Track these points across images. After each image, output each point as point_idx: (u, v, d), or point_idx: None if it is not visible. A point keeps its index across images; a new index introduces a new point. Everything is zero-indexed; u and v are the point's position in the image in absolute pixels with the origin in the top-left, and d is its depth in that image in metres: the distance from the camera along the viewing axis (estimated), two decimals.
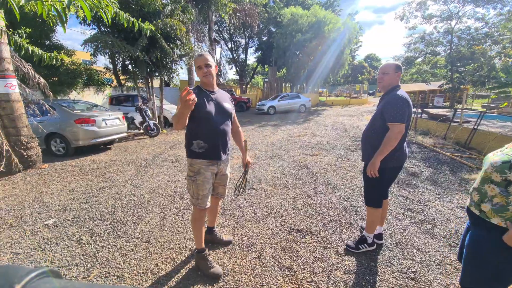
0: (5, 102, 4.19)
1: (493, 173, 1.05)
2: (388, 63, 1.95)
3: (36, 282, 0.27)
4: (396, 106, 1.78)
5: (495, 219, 1.05)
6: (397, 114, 1.77)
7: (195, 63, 1.74)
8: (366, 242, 2.13)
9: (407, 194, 3.27)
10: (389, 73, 1.91)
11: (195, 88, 1.76)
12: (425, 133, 7.30)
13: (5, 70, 4.08)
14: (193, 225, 1.91)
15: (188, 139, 1.80)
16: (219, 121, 1.79)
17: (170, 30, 7.83)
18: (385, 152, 1.81)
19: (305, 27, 19.02)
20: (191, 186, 1.82)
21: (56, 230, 2.59)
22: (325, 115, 13.61)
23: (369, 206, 2.07)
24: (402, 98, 1.81)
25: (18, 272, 0.27)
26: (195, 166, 1.79)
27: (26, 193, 3.60)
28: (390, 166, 1.93)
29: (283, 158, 5.14)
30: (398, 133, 1.78)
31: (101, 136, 5.98)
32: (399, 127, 1.77)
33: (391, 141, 1.79)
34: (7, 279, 0.26)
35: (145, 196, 3.37)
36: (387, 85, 1.94)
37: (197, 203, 1.82)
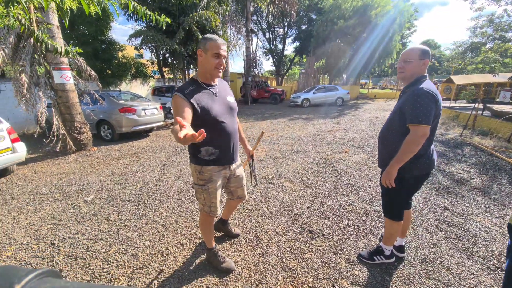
0: (61, 92, 4.85)
1: None
2: (412, 48, 1.58)
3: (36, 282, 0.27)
4: (420, 104, 1.44)
5: None
6: (420, 114, 1.43)
7: (213, 47, 1.40)
8: (383, 254, 1.91)
9: (446, 204, 2.84)
10: (412, 61, 1.55)
11: (190, 83, 1.49)
12: (485, 133, 6.19)
13: (60, 63, 4.70)
14: (203, 229, 1.83)
15: (194, 145, 1.52)
16: (228, 121, 1.57)
17: (206, 22, 8.03)
18: (404, 159, 1.52)
19: (348, 12, 17.55)
20: (201, 195, 1.65)
21: (92, 206, 2.95)
22: (364, 109, 12.58)
23: (387, 217, 1.81)
24: (428, 93, 1.45)
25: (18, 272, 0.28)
26: (206, 174, 1.59)
27: (75, 171, 4.17)
28: (413, 175, 1.64)
29: (309, 154, 4.93)
30: (421, 137, 1.45)
31: (141, 124, 6.55)
32: (423, 129, 1.44)
33: (411, 146, 1.47)
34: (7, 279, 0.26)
35: (169, 182, 3.59)
36: (409, 75, 1.59)
37: (209, 211, 1.69)
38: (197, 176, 1.61)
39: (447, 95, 14.56)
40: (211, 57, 1.42)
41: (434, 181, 3.50)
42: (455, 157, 4.59)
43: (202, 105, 1.44)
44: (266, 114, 11.66)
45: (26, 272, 0.28)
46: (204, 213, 1.73)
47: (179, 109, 1.36)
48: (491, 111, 7.49)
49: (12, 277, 0.27)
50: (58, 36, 4.76)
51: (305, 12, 24.24)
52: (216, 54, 1.42)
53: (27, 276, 0.27)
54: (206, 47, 1.42)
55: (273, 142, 5.97)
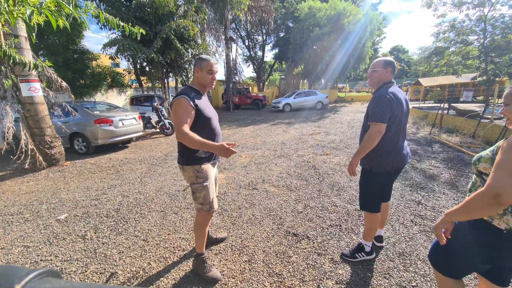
0: (29, 105, 4.56)
1: (472, 166, 1.18)
2: (378, 59, 1.87)
3: (36, 282, 0.27)
4: (377, 105, 1.70)
5: None
6: (376, 114, 1.68)
7: (208, 65, 1.66)
8: (364, 250, 1.99)
9: (420, 199, 3.02)
10: (377, 70, 1.82)
11: (191, 89, 1.69)
12: (451, 130, 6.70)
13: (28, 75, 4.43)
14: (199, 232, 1.84)
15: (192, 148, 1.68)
16: (216, 122, 1.82)
17: (184, 31, 8.00)
18: (362, 152, 1.76)
19: (323, 20, 18.38)
20: (201, 193, 1.72)
21: (65, 225, 2.77)
22: (343, 112, 13.10)
23: (364, 210, 1.95)
24: (385, 97, 1.69)
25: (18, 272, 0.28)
26: (203, 171, 1.72)
27: (47, 189, 3.90)
28: (385, 170, 1.80)
29: (291, 158, 5.02)
30: (376, 133, 1.68)
31: (118, 135, 6.30)
32: (378, 127, 1.67)
33: (368, 141, 1.71)
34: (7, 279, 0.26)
35: (151, 195, 3.48)
36: (376, 82, 1.86)
37: (209, 208, 1.76)
38: (196, 175, 1.72)
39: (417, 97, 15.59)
40: (206, 73, 1.68)
41: (408, 178, 3.71)
42: (425, 154, 4.90)
43: (203, 109, 1.67)
44: (249, 120, 11.73)
45: (26, 272, 0.28)
46: (203, 213, 1.78)
47: (185, 111, 1.57)
48: (455, 110, 8.13)
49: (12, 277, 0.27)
50: (26, 48, 4.49)
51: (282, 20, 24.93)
52: (210, 71, 1.69)
53: (27, 276, 0.27)
54: (202, 65, 1.67)
55: (256, 148, 6.01)
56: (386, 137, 1.73)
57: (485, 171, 1.09)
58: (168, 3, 7.50)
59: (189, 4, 8.48)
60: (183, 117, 1.55)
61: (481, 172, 1.10)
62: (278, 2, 22.95)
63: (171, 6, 7.71)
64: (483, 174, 1.10)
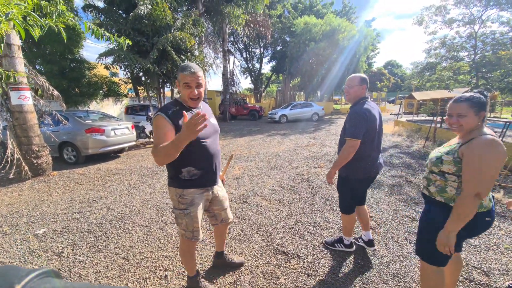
0: (18, 113, 4.46)
1: (432, 166, 1.40)
2: (354, 76, 1.97)
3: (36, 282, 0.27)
4: (352, 122, 1.83)
5: (438, 197, 1.37)
6: (352, 130, 1.81)
7: (183, 78, 1.39)
8: (343, 242, 2.27)
9: (414, 215, 2.93)
10: (353, 86, 1.93)
11: (174, 104, 1.48)
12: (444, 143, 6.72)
13: (19, 83, 4.36)
14: (184, 256, 1.70)
15: (176, 167, 1.48)
16: (211, 141, 1.55)
17: (181, 43, 8.09)
18: (339, 164, 1.91)
19: (318, 35, 18.91)
20: (183, 220, 1.54)
21: (43, 241, 2.61)
22: (338, 124, 13.17)
23: (341, 212, 2.19)
24: (360, 114, 1.83)
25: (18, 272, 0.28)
26: (187, 197, 1.52)
27: (29, 200, 3.73)
28: (356, 177, 1.99)
29: (285, 170, 4.94)
30: (351, 147, 1.82)
31: (110, 145, 6.18)
32: (353, 143, 1.81)
33: (344, 154, 1.85)
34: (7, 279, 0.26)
35: (137, 208, 3.34)
36: (353, 97, 1.97)
37: (192, 236, 1.58)
38: (178, 200, 1.53)
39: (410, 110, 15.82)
40: (184, 86, 1.42)
41: (402, 192, 3.64)
42: (420, 168, 4.87)
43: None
44: (245, 130, 11.70)
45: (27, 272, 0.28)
46: (186, 240, 1.61)
47: (161, 131, 1.35)
48: None
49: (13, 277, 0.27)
50: (18, 56, 4.45)
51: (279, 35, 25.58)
52: (187, 84, 1.41)
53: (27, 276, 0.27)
54: (179, 78, 1.43)
55: (250, 159, 5.92)
56: (360, 149, 1.85)
57: (448, 171, 1.32)
58: (166, 15, 7.62)
59: (187, 17, 8.63)
60: (157, 137, 1.35)
61: (444, 172, 1.33)
62: (275, 17, 23.62)
63: (169, 19, 7.84)
64: (446, 173, 1.33)
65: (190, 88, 1.42)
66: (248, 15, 15.95)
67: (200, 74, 1.44)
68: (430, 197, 1.42)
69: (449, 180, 1.32)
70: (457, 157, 1.28)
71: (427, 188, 1.44)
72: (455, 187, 1.31)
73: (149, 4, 7.31)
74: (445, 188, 1.34)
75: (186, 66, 1.42)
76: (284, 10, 25.70)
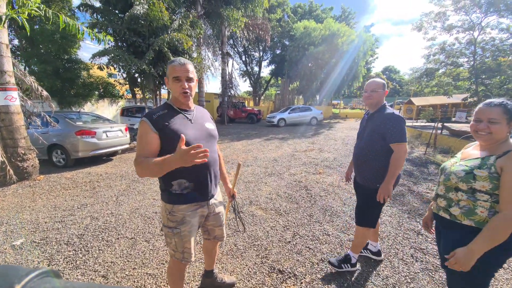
0: (4, 114, 4.25)
1: (459, 183, 1.18)
2: (375, 80, 1.87)
3: (36, 282, 0.27)
4: (399, 126, 1.73)
5: (466, 221, 1.16)
6: (400, 134, 1.72)
7: (171, 71, 1.28)
8: (350, 262, 2.03)
9: (419, 228, 2.75)
10: (378, 91, 1.85)
11: (163, 107, 1.34)
12: (446, 151, 6.58)
13: (6, 83, 4.16)
14: (171, 279, 1.52)
15: (165, 179, 1.32)
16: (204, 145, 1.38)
17: (178, 44, 7.93)
18: (397, 174, 1.75)
19: (318, 39, 18.89)
20: (172, 240, 1.37)
21: (18, 253, 2.39)
22: (337, 129, 13.05)
23: (362, 226, 1.95)
24: (400, 117, 1.77)
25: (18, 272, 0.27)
26: (177, 214, 1.34)
27: (11, 207, 3.50)
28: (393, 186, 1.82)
29: (283, 176, 4.75)
30: (405, 153, 1.74)
31: (101, 147, 5.96)
32: (405, 146, 1.73)
33: (399, 161, 1.73)
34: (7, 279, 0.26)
35: (123, 217, 3.12)
36: (375, 102, 1.87)
37: (182, 258, 1.40)
38: (167, 217, 1.36)
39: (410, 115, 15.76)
40: (173, 81, 1.29)
41: (405, 203, 3.46)
42: (422, 175, 4.70)
43: (172, 129, 1.26)
44: (242, 134, 11.52)
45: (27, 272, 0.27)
46: (176, 260, 1.43)
47: (143, 139, 1.24)
48: (449, 130, 8.10)
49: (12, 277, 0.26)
50: (6, 55, 4.25)
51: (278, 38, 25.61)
52: (176, 78, 1.28)
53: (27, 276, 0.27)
54: (168, 72, 1.32)
55: (247, 164, 5.73)
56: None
57: (481, 189, 1.12)
58: (163, 16, 7.47)
59: (184, 19, 8.49)
60: (138, 146, 1.25)
61: (476, 190, 1.14)
62: (275, 21, 23.66)
63: (166, 20, 7.68)
64: (477, 191, 1.13)
65: (179, 81, 1.29)
66: (247, 18, 15.91)
67: (190, 67, 1.30)
68: (453, 222, 1.21)
69: (479, 200, 1.13)
70: (494, 172, 1.09)
71: (447, 210, 1.23)
72: (487, 207, 1.11)
73: (146, 4, 7.16)
74: (474, 210, 1.14)
75: (174, 59, 1.32)
76: (283, 14, 25.78)
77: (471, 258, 1.08)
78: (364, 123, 2.02)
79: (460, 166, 1.21)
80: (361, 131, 2.04)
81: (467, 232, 1.16)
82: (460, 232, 1.20)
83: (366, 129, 1.93)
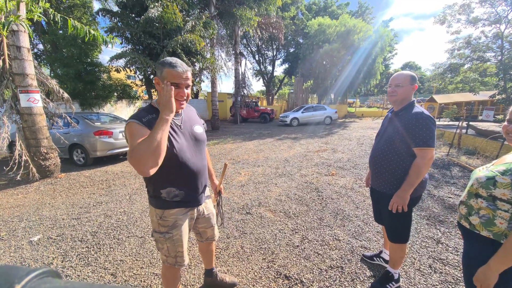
0: (27, 115, 4.51)
1: (479, 188, 1.08)
2: (401, 73, 1.64)
3: (36, 282, 0.27)
4: (426, 128, 1.50)
5: (484, 232, 1.07)
6: (427, 137, 1.49)
7: (170, 76, 1.15)
8: (393, 279, 1.83)
9: (439, 236, 2.56)
10: (403, 85, 1.60)
11: (148, 110, 1.23)
12: (471, 152, 6.14)
13: (28, 85, 4.41)
14: (166, 284, 1.50)
15: (154, 187, 1.28)
16: (195, 155, 1.32)
17: (190, 45, 8.05)
18: (416, 183, 1.53)
19: (333, 36, 18.43)
20: (164, 245, 1.34)
21: (35, 249, 2.51)
22: (352, 128, 12.65)
23: (399, 243, 1.74)
24: (430, 117, 1.53)
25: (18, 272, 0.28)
26: (169, 219, 1.31)
27: (32, 204, 3.71)
28: (418, 194, 1.65)
29: (293, 177, 4.66)
30: (430, 160, 1.51)
31: (118, 147, 6.17)
32: (431, 152, 1.50)
33: (422, 169, 1.50)
34: (7, 279, 0.26)
35: (135, 216, 3.19)
36: (401, 99, 1.64)
37: (175, 263, 1.38)
38: (158, 222, 1.32)
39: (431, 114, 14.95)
40: (168, 86, 1.13)
41: (424, 208, 3.25)
42: (444, 179, 4.41)
43: None
44: (255, 134, 11.49)
45: (27, 272, 0.28)
46: (169, 266, 1.41)
47: (136, 138, 1.08)
48: (475, 129, 7.56)
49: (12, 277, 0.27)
50: (28, 59, 4.51)
51: (292, 36, 25.32)
52: (176, 84, 1.16)
53: (27, 276, 0.27)
54: (163, 74, 1.16)
55: (257, 165, 5.69)
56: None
57: (502, 197, 1.01)
58: (176, 18, 7.61)
59: (197, 20, 8.60)
60: (131, 145, 1.09)
61: (496, 198, 1.03)
62: (289, 19, 23.38)
63: (179, 22, 7.82)
64: (498, 199, 1.03)
65: (179, 88, 1.19)
66: (260, 17, 15.81)
67: (189, 74, 1.24)
68: (472, 232, 1.12)
69: (499, 209, 1.02)
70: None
71: (467, 219, 1.14)
72: (507, 218, 1.01)
73: (160, 7, 7.33)
74: (493, 220, 1.04)
75: (174, 63, 1.17)
76: (297, 12, 25.44)
77: (490, 276, 1.00)
78: (386, 123, 1.80)
79: (486, 171, 1.11)
80: (381, 131, 1.82)
81: (486, 245, 1.07)
82: (478, 246, 1.10)
83: (388, 129, 1.72)
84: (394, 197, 1.59)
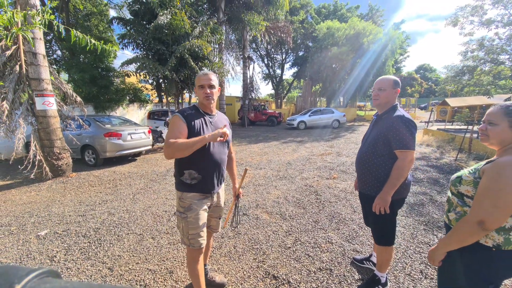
0: (42, 118, 4.80)
1: (451, 186, 1.18)
2: (385, 77, 1.70)
3: (36, 282, 0.27)
4: (406, 130, 1.55)
5: None
6: (407, 140, 1.54)
7: (197, 81, 1.56)
8: (380, 283, 1.85)
9: (435, 242, 2.51)
10: (385, 89, 1.66)
11: (191, 108, 1.61)
12: (482, 157, 5.92)
13: (43, 89, 4.70)
14: (189, 269, 1.64)
15: (179, 167, 1.58)
16: (217, 149, 1.61)
17: (198, 50, 8.26)
18: (398, 184, 1.57)
19: (341, 40, 18.30)
20: (180, 224, 1.58)
21: (41, 243, 2.67)
22: (360, 132, 12.45)
23: (384, 245, 1.77)
24: (410, 120, 1.57)
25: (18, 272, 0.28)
26: (186, 201, 1.56)
27: (43, 201, 3.94)
28: (401, 197, 1.69)
29: (294, 180, 4.67)
30: (410, 162, 1.55)
31: (126, 148, 6.42)
32: (411, 154, 1.55)
33: (402, 171, 1.54)
34: (7, 279, 0.26)
35: (136, 214, 3.33)
36: (383, 103, 1.70)
37: (188, 243, 1.57)
38: (179, 203, 1.60)
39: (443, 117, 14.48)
40: (198, 88, 1.56)
41: (424, 213, 3.19)
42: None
43: (195, 127, 1.52)
44: (261, 137, 11.56)
45: (27, 272, 0.28)
46: (187, 248, 1.62)
47: (175, 126, 1.48)
48: None
49: (12, 277, 0.27)
50: (43, 65, 4.82)
51: (302, 40, 25.33)
52: (201, 86, 1.55)
53: (27, 276, 0.27)
54: (195, 83, 1.60)
55: (260, 167, 5.74)
56: None
57: (466, 193, 1.09)
58: (184, 24, 7.85)
59: (205, 26, 8.83)
60: (171, 133, 1.47)
61: (462, 194, 1.11)
62: (298, 23, 23.46)
63: (187, 28, 8.07)
64: (464, 196, 1.10)
65: (203, 88, 1.55)
66: (269, 21, 15.99)
67: (212, 77, 1.57)
68: (449, 227, 1.19)
69: (467, 206, 1.09)
70: (478, 176, 1.05)
71: (447, 215, 1.22)
72: None
73: (169, 14, 7.60)
74: (464, 216, 1.10)
75: (200, 72, 1.62)
76: (307, 15, 25.47)
77: (437, 254, 1.14)
78: (371, 126, 1.85)
79: (463, 171, 1.18)
80: (367, 134, 1.88)
81: None
82: None
83: (372, 132, 1.76)
84: (376, 199, 1.62)
